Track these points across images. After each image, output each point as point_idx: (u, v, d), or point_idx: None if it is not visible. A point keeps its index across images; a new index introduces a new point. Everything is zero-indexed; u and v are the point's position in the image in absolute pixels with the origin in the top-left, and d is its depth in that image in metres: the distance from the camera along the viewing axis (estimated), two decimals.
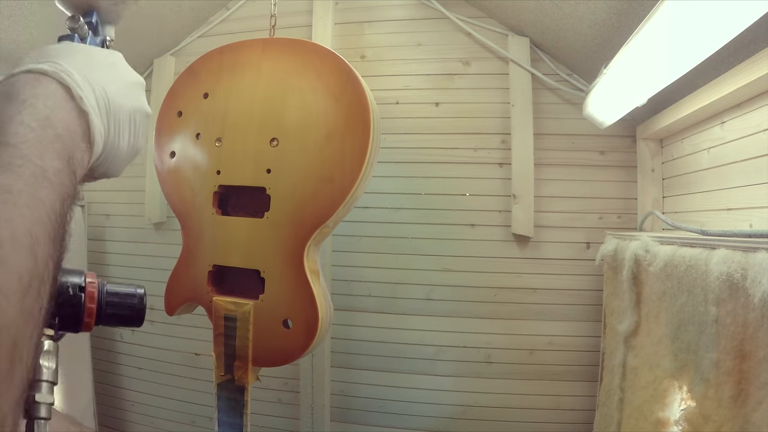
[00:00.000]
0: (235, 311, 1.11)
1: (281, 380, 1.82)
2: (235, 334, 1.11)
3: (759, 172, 0.99)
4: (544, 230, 1.66)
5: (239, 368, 1.12)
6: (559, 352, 1.64)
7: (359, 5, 1.81)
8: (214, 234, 1.16)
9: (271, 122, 1.13)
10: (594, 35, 1.36)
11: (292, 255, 1.09)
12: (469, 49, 1.73)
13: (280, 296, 1.10)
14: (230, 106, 1.17)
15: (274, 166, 1.11)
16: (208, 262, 1.16)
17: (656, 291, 1.08)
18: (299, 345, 1.08)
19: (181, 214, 1.22)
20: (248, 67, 1.19)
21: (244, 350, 1.11)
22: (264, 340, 1.11)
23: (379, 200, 1.75)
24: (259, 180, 1.12)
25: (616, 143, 1.63)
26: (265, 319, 1.10)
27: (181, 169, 1.21)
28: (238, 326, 1.11)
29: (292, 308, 1.09)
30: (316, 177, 1.08)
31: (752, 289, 0.71)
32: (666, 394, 1.02)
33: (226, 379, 1.13)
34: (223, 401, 1.15)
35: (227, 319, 1.11)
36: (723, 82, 1.04)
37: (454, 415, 1.70)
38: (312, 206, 1.08)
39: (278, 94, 1.14)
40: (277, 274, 1.10)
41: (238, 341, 1.11)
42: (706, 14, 0.77)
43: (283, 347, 1.10)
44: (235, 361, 1.12)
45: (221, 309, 1.12)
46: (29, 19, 1.39)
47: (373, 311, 1.76)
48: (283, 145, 1.11)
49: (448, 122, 1.72)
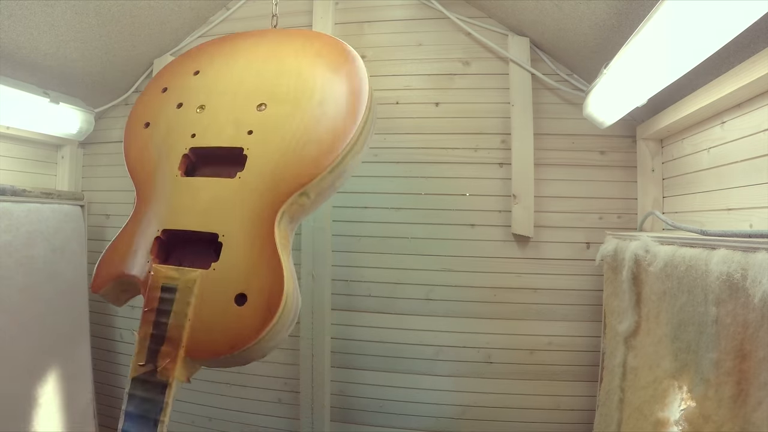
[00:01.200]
0: (176, 280, 0.91)
1: (281, 380, 1.82)
2: (171, 309, 0.89)
3: (759, 172, 0.99)
4: (544, 230, 1.66)
5: (166, 356, 0.87)
6: (559, 353, 1.64)
7: (359, 5, 1.81)
8: (171, 197, 1.01)
9: (262, 90, 1.09)
10: (594, 35, 1.36)
11: (261, 219, 0.94)
12: (469, 49, 1.73)
13: (237, 266, 0.91)
14: (219, 77, 1.15)
15: (257, 127, 1.04)
16: (158, 226, 0.99)
17: (656, 291, 1.08)
18: (253, 326, 0.85)
19: (140, 182, 1.08)
20: (245, 47, 1.19)
21: (178, 331, 0.88)
22: (207, 320, 0.89)
23: (379, 200, 1.75)
24: (237, 140, 1.03)
25: (616, 143, 1.63)
26: (213, 292, 0.90)
27: (152, 136, 1.12)
28: (177, 299, 0.89)
29: (249, 281, 0.89)
30: (303, 139, 1.01)
31: (752, 289, 0.71)
32: (666, 394, 1.02)
33: (146, 371, 0.87)
34: (136, 402, 0.86)
35: (164, 290, 0.91)
36: (723, 82, 1.04)
37: (453, 415, 1.70)
38: (294, 166, 0.98)
39: (273, 68, 1.13)
40: (239, 239, 0.93)
41: (173, 318, 0.88)
42: (706, 14, 0.77)
43: (231, 329, 0.87)
44: (163, 345, 0.88)
45: (160, 278, 0.92)
46: (29, 19, 1.39)
47: (373, 311, 1.76)
48: (270, 109, 1.06)
49: (448, 122, 1.73)
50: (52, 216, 1.64)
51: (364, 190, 1.75)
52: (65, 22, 1.47)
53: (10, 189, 1.53)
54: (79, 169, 2.06)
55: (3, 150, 1.73)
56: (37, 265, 1.54)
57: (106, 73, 1.84)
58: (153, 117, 1.16)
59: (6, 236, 1.43)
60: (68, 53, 1.61)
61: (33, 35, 1.45)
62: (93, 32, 1.59)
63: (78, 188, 2.05)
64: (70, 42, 1.57)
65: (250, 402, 1.86)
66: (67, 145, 1.98)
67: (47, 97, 1.66)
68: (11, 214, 1.47)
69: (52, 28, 1.47)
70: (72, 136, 1.88)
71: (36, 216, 1.57)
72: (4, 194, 1.50)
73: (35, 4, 1.36)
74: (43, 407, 1.53)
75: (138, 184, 1.08)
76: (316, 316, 1.72)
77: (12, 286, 1.44)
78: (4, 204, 1.45)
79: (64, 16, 1.45)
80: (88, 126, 1.91)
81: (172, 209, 1.00)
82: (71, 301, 1.71)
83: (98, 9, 1.51)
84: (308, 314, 1.72)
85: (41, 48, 1.52)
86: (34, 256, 1.54)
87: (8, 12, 1.34)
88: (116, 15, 1.58)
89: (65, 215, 1.71)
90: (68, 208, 1.73)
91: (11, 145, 1.76)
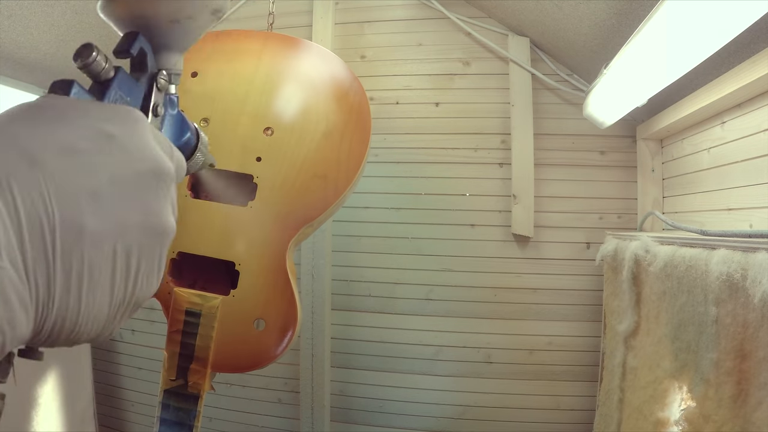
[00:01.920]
0: (200, 305, 0.98)
1: (281, 380, 1.82)
2: (197, 332, 0.98)
3: (759, 172, 0.99)
4: (544, 230, 1.66)
5: (195, 372, 0.97)
6: (559, 352, 1.64)
7: (359, 5, 1.81)
8: (184, 218, 1.03)
9: (268, 111, 1.09)
10: (594, 35, 1.36)
11: (274, 250, 1.01)
12: (469, 49, 1.73)
13: (255, 293, 0.99)
14: (222, 87, 1.12)
15: (265, 155, 1.05)
16: (173, 248, 1.03)
17: (656, 291, 1.08)
18: (271, 349, 0.98)
19: None
20: (247, 54, 1.16)
21: (205, 351, 0.97)
22: (229, 341, 0.98)
23: (379, 200, 1.75)
24: (246, 167, 1.05)
25: (616, 143, 1.63)
26: (233, 317, 0.98)
27: None
28: (202, 323, 0.97)
29: (267, 307, 0.99)
30: (309, 173, 1.04)
31: (752, 289, 0.71)
32: (666, 394, 1.02)
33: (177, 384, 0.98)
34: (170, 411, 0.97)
35: (189, 314, 0.98)
36: (723, 82, 1.04)
37: (453, 415, 1.70)
38: (301, 202, 1.03)
39: (278, 86, 1.11)
40: (255, 268, 1.00)
41: (199, 340, 0.97)
42: (706, 14, 0.77)
43: (252, 351, 0.98)
44: (192, 363, 0.97)
45: (183, 302, 0.98)
46: (29, 19, 1.39)
47: (373, 311, 1.76)
48: (277, 135, 1.07)
49: (448, 122, 1.73)
50: None
51: (364, 190, 1.75)
52: (65, 22, 1.47)
53: None
54: None
55: None
56: None
57: None
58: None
59: None
60: (68, 53, 1.61)
61: (33, 35, 1.45)
62: (93, 32, 1.59)
63: None
64: (70, 42, 1.57)
65: (250, 402, 1.86)
66: None
67: None
68: None
69: (52, 28, 1.47)
70: None
71: None
72: None
73: (35, 4, 1.36)
74: (43, 407, 1.53)
75: None
76: (316, 316, 1.72)
77: None
78: None
79: (64, 16, 1.45)
80: None
81: (186, 232, 1.03)
82: None
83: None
84: (308, 314, 1.72)
85: (41, 48, 1.52)
86: None
87: (8, 12, 1.34)
88: None
89: None
90: None
91: None
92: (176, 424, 0.95)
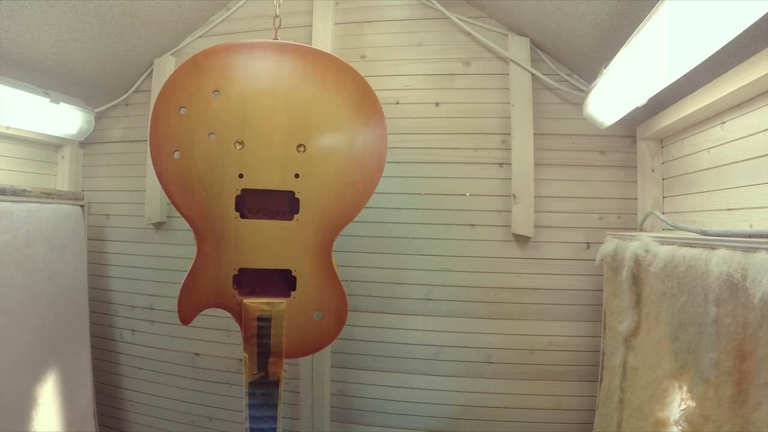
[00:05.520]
0: (269, 311, 1.16)
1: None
2: (270, 333, 1.16)
3: (759, 172, 0.99)
4: (544, 230, 1.66)
5: (273, 364, 1.18)
6: (559, 353, 1.64)
7: (359, 5, 1.81)
8: (238, 240, 1.18)
9: (297, 129, 1.17)
10: (594, 35, 1.36)
11: (320, 253, 1.19)
12: (469, 49, 1.73)
13: (311, 291, 1.20)
14: (249, 109, 1.16)
15: (302, 171, 1.17)
16: (233, 266, 1.18)
17: (656, 291, 1.08)
18: (331, 333, 1.21)
19: (193, 219, 1.16)
20: (265, 71, 1.18)
21: (279, 347, 1.17)
22: (296, 333, 1.19)
23: (379, 200, 1.75)
24: (287, 184, 1.17)
25: (616, 143, 1.63)
26: (297, 314, 1.18)
27: (190, 169, 1.15)
28: (272, 324, 1.17)
29: (322, 301, 1.20)
30: (341, 181, 1.18)
31: (752, 289, 0.71)
32: (666, 394, 1.02)
33: (260, 376, 1.19)
34: (258, 398, 1.19)
35: (261, 320, 1.16)
36: (723, 82, 1.04)
37: (454, 416, 1.70)
38: (338, 208, 1.18)
39: (300, 102, 1.18)
40: (308, 271, 1.19)
41: (273, 339, 1.17)
42: (706, 14, 0.77)
43: (314, 337, 1.21)
44: (270, 357, 1.18)
45: (255, 311, 1.16)
46: (29, 19, 1.39)
47: (373, 311, 1.76)
48: (310, 151, 1.17)
49: (448, 122, 1.73)
50: (52, 216, 1.64)
51: None
52: (65, 22, 1.47)
53: (10, 189, 1.53)
54: (79, 169, 2.06)
55: (3, 150, 1.73)
56: (37, 265, 1.55)
57: (106, 73, 1.84)
58: (183, 145, 1.16)
59: (6, 236, 1.43)
60: (68, 53, 1.61)
61: (33, 35, 1.45)
62: (93, 32, 1.59)
63: (78, 188, 2.05)
64: (70, 42, 1.57)
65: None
66: (67, 145, 1.98)
67: (47, 97, 1.66)
68: (11, 214, 1.47)
69: (52, 28, 1.47)
70: (72, 136, 1.88)
71: (36, 216, 1.57)
72: (4, 194, 1.50)
73: (35, 4, 1.36)
74: (43, 407, 1.53)
75: (191, 222, 1.18)
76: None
77: (12, 286, 1.44)
78: (4, 204, 1.45)
79: (64, 16, 1.45)
80: (88, 126, 1.91)
81: (243, 251, 1.18)
82: (71, 301, 1.71)
83: (98, 9, 1.51)
84: None
85: (41, 48, 1.52)
86: (34, 256, 1.54)
87: (8, 12, 1.34)
88: (116, 15, 1.58)
89: (65, 215, 1.71)
90: (68, 208, 1.73)
91: (11, 145, 1.76)
92: (263, 406, 1.19)
